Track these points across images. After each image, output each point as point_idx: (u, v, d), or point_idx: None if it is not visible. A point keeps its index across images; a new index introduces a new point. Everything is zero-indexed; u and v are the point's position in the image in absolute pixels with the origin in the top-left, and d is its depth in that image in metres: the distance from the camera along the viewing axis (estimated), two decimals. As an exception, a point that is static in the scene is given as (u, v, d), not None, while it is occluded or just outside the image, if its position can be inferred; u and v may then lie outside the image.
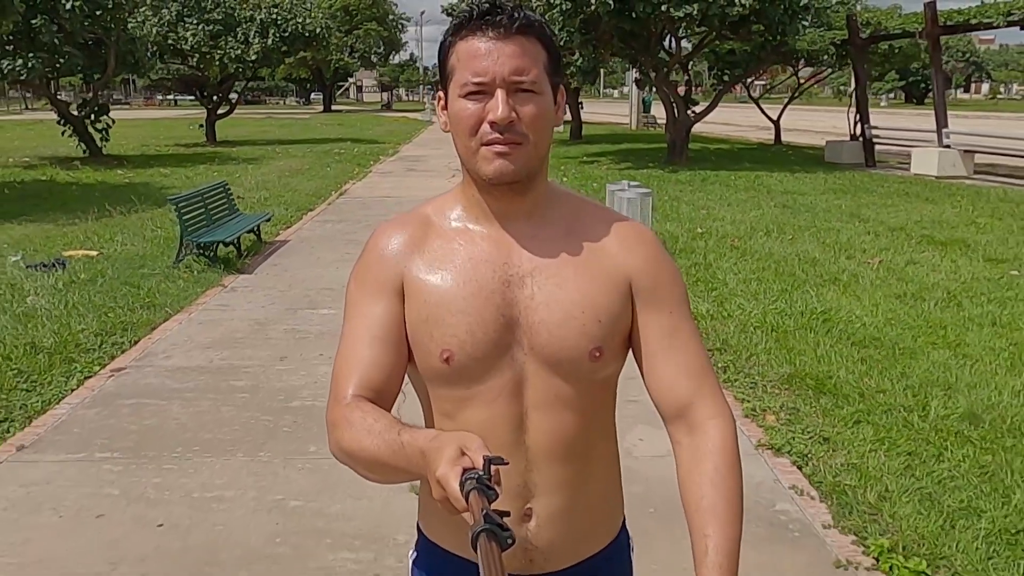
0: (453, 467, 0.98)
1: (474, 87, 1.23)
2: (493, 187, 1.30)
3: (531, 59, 1.24)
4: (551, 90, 1.29)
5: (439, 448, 1.02)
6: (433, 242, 1.35)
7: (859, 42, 19.43)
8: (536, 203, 1.35)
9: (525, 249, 1.33)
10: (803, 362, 5.63)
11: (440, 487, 0.99)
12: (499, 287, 1.31)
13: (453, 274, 1.32)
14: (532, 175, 1.31)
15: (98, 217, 11.80)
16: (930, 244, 9.54)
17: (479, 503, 0.93)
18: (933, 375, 5.32)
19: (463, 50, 1.25)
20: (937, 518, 3.60)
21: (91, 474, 4.20)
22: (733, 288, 7.63)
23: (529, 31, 1.25)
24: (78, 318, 6.76)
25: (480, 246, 1.34)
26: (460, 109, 1.26)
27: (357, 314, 1.35)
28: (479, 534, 0.89)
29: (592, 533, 1.43)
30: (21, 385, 5.41)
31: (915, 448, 4.30)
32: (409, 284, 1.33)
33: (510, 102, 1.22)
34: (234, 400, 5.19)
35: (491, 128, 1.23)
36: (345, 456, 1.24)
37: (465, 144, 1.28)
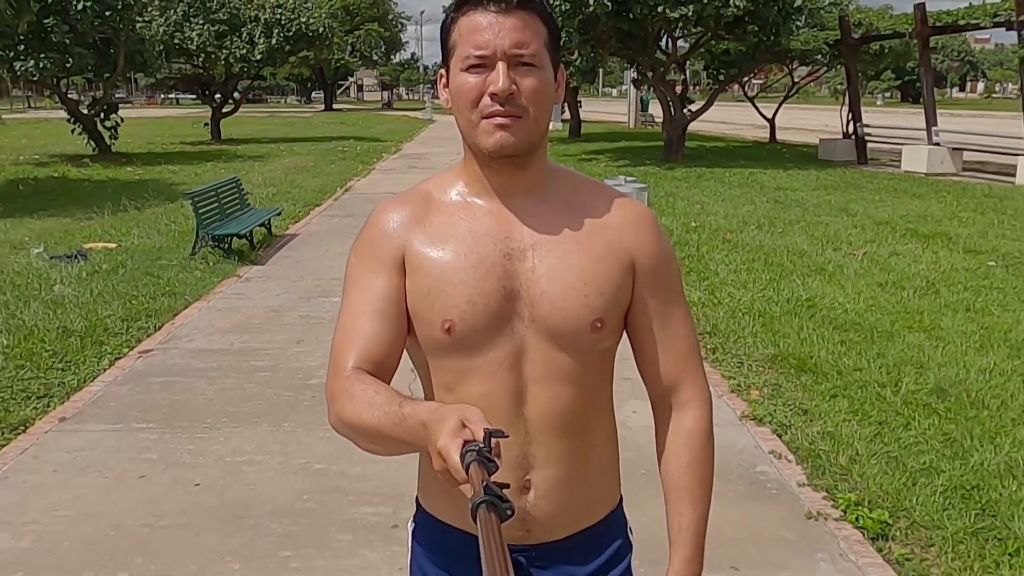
0: (454, 439, 0.99)
1: (476, 60, 1.25)
2: (494, 160, 1.31)
3: (532, 33, 1.26)
4: (551, 66, 1.30)
5: (440, 420, 1.03)
6: (434, 217, 1.37)
7: (851, 42, 19.81)
8: (536, 178, 1.37)
9: (526, 224, 1.35)
10: (787, 344, 5.99)
11: (441, 458, 1.00)
12: (500, 260, 1.33)
13: (454, 247, 1.34)
14: (532, 149, 1.32)
15: (113, 212, 12.16)
16: (914, 237, 9.91)
17: (479, 475, 0.94)
18: (907, 355, 5.69)
19: (465, 24, 1.27)
20: (901, 477, 3.97)
21: (130, 442, 4.56)
22: (724, 278, 7.99)
23: (530, 6, 1.26)
24: (104, 305, 7.12)
25: (481, 220, 1.35)
26: (462, 83, 1.27)
27: (357, 288, 1.36)
28: (479, 505, 0.90)
29: (589, 505, 1.45)
30: (57, 365, 5.76)
31: (885, 418, 4.67)
32: (411, 258, 1.35)
33: (511, 75, 1.25)
34: (256, 378, 5.54)
35: (492, 100, 1.25)
36: (346, 428, 1.25)
37: (466, 117, 1.29)
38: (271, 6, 27.53)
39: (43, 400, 5.17)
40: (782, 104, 25.80)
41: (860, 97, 20.47)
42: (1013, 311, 6.70)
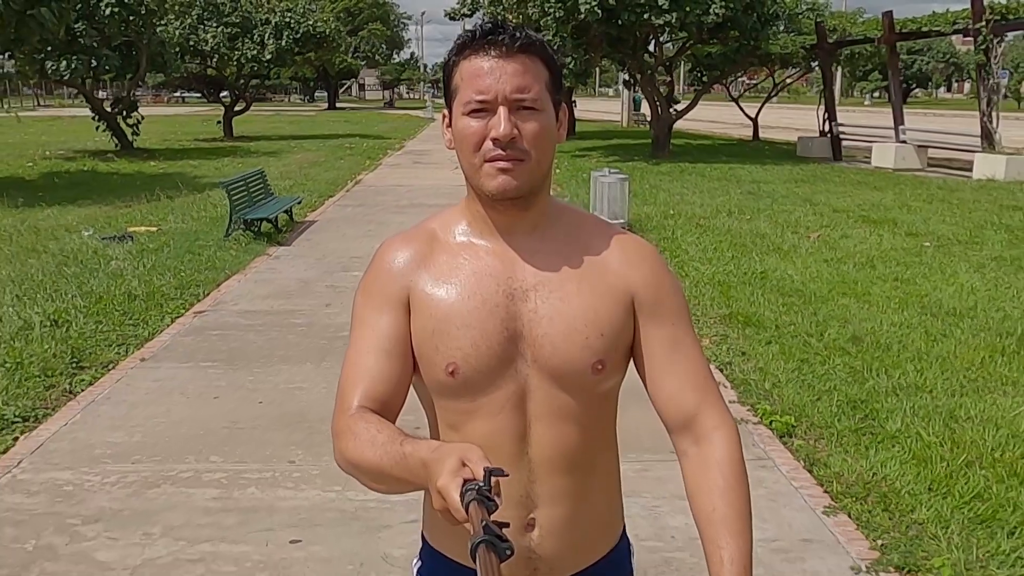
0: (454, 478, 0.99)
1: (477, 104, 1.26)
2: (497, 202, 1.31)
3: (533, 77, 1.26)
4: (552, 107, 1.31)
5: (440, 459, 1.03)
6: (439, 257, 1.36)
7: (826, 46, 20.86)
8: (539, 217, 1.37)
9: (528, 263, 1.34)
10: (738, 305, 7.04)
11: (441, 498, 1.00)
12: (503, 300, 1.32)
13: (458, 288, 1.33)
14: (535, 191, 1.32)
15: (148, 200, 13.20)
16: (864, 222, 10.98)
17: (479, 514, 0.94)
18: (835, 313, 6.74)
19: (466, 69, 1.27)
20: (808, 396, 5.02)
21: (201, 374, 5.61)
22: (693, 255, 9.04)
23: (531, 50, 1.27)
24: (158, 276, 8.15)
25: (485, 260, 1.35)
26: (464, 126, 1.28)
27: (363, 326, 1.35)
28: (478, 545, 0.90)
29: (594, 542, 1.44)
30: (128, 322, 6.79)
31: (806, 357, 5.72)
32: (415, 298, 1.34)
33: (512, 119, 1.25)
34: (296, 331, 6.59)
35: (494, 145, 1.25)
36: (349, 466, 1.25)
37: (469, 160, 1.29)
38: (281, 9, 28.53)
39: (122, 347, 6.21)
40: (764, 104, 26.85)
41: (835, 98, 21.51)
42: (933, 281, 7.76)
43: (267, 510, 3.80)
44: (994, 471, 4.01)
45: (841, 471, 4.09)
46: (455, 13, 24.71)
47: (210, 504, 3.86)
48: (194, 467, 4.24)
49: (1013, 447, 4.26)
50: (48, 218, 11.65)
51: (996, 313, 6.68)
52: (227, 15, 27.62)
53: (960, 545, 3.38)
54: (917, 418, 4.63)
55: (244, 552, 3.45)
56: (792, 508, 3.79)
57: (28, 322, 6.53)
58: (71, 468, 4.23)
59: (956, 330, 6.24)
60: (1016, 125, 36.33)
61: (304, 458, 4.35)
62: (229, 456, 4.37)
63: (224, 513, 3.78)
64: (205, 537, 3.57)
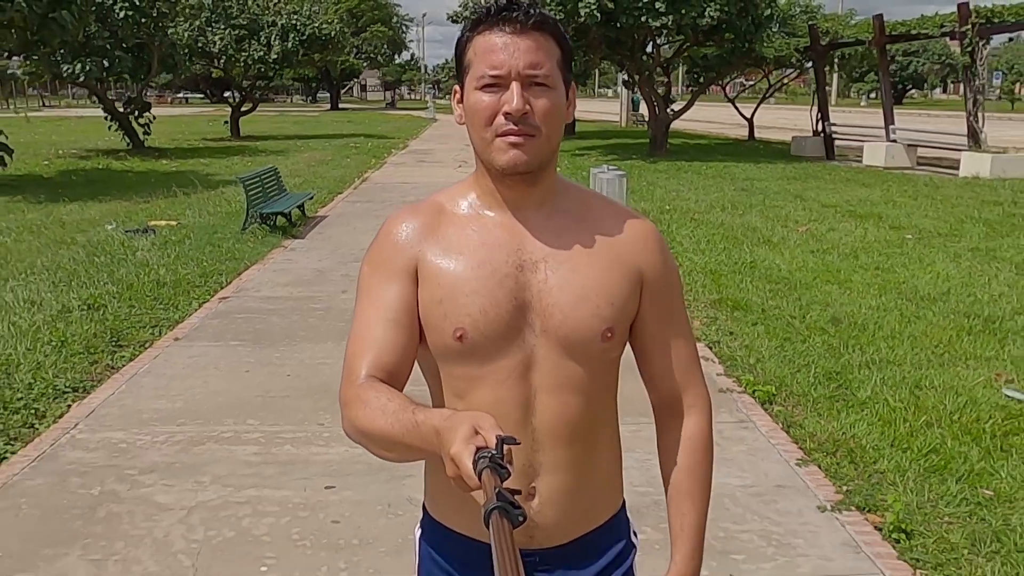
0: (467, 445, 1.00)
1: (490, 79, 1.26)
2: (506, 176, 1.32)
3: (545, 54, 1.27)
4: (563, 85, 1.31)
5: (453, 427, 1.04)
6: (447, 228, 1.37)
7: (819, 48, 21.30)
8: (547, 193, 1.38)
9: (537, 237, 1.36)
10: (728, 291, 7.48)
11: (454, 465, 1.01)
12: (512, 271, 1.33)
13: (467, 257, 1.34)
14: (543, 166, 1.33)
15: (165, 196, 13.66)
16: (851, 217, 11.42)
17: (492, 481, 0.94)
18: (818, 298, 7.19)
19: (480, 44, 1.28)
20: (789, 369, 5.47)
21: (231, 352, 6.05)
22: (687, 247, 9.48)
23: (544, 27, 1.27)
24: (182, 265, 8.60)
25: (493, 232, 1.36)
26: (476, 101, 1.28)
27: (371, 297, 1.36)
28: (491, 511, 0.90)
29: (592, 511, 1.46)
30: (158, 306, 7.24)
31: (789, 336, 6.17)
32: (423, 268, 1.35)
33: (524, 95, 1.25)
34: (315, 315, 7.03)
35: (506, 119, 1.26)
36: (359, 434, 1.25)
37: (480, 135, 1.30)
38: (287, 12, 28.98)
39: (156, 328, 6.65)
40: (759, 105, 27.30)
41: (828, 98, 21.94)
42: (911, 269, 8.20)
43: (303, 463, 4.25)
44: (950, 430, 4.46)
45: (814, 431, 4.53)
46: (457, 16, 25.15)
47: (251, 458, 4.31)
48: (233, 428, 4.69)
49: (969, 411, 4.71)
50: (71, 213, 12.10)
51: (967, 298, 7.13)
52: (234, 17, 28.06)
53: (914, 489, 3.83)
54: (886, 387, 5.09)
55: (285, 496, 3.90)
56: (769, 461, 4.23)
57: (67, 306, 6.97)
58: (123, 430, 4.67)
59: (928, 312, 6.69)
60: (1010, 126, 36.87)
61: (332, 421, 4.79)
62: (264, 420, 4.82)
63: (264, 465, 4.23)
64: (250, 484, 4.02)
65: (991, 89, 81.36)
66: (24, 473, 4.15)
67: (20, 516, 3.74)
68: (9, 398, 5.04)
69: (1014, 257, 8.72)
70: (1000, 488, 3.82)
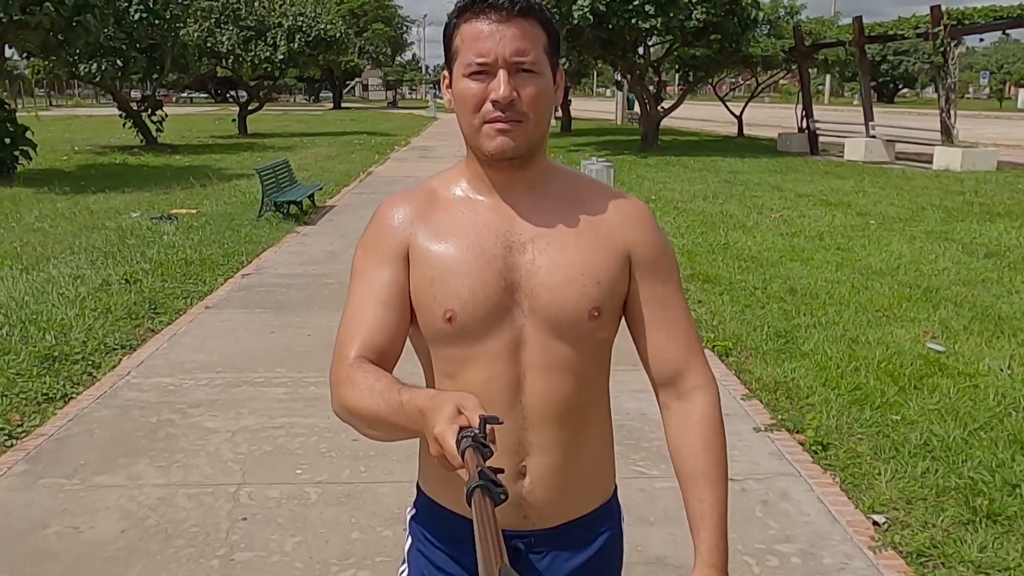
0: (450, 425, 1.01)
1: (477, 67, 1.26)
2: (495, 162, 1.33)
3: (532, 41, 1.27)
4: (551, 70, 1.31)
5: (437, 407, 1.05)
6: (438, 212, 1.38)
7: (804, 49, 22.01)
8: (537, 177, 1.38)
9: (526, 219, 1.37)
10: (701, 268, 8.20)
11: (437, 444, 1.02)
12: (501, 252, 1.34)
13: (457, 240, 1.35)
14: (532, 151, 1.34)
15: (183, 188, 14.38)
16: (822, 205, 12.15)
17: (474, 460, 0.95)
18: (780, 273, 7.91)
19: (467, 32, 1.28)
20: (746, 328, 6.19)
21: (256, 318, 6.77)
22: (668, 231, 10.19)
23: (530, 14, 1.27)
24: (205, 247, 9.32)
25: (483, 215, 1.37)
26: (464, 88, 1.29)
27: (363, 279, 1.38)
28: (473, 489, 0.91)
29: (584, 494, 1.46)
30: (188, 281, 7.95)
31: (750, 304, 6.89)
32: (415, 251, 1.36)
33: (511, 82, 1.25)
34: (330, 289, 7.74)
35: (493, 106, 1.27)
36: (347, 413, 1.26)
37: (468, 121, 1.31)
38: (293, 13, 29.68)
39: (187, 299, 7.37)
40: (748, 103, 28.04)
41: (811, 96, 22.65)
42: (869, 249, 8.93)
43: (325, 400, 4.87)
44: (875, 374, 5.18)
45: (761, 376, 5.26)
46: (458, 17, 25.87)
47: (281, 397, 5.03)
48: (264, 375, 5.41)
49: (895, 360, 5.43)
50: (97, 202, 12.82)
51: (913, 272, 7.86)
52: (243, 19, 28.76)
53: (835, 415, 4.56)
54: (826, 342, 5.81)
55: (312, 422, 4.62)
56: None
57: (106, 280, 7.69)
58: (170, 376, 5.40)
59: (876, 284, 7.42)
60: (997, 124, 37.58)
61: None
62: (291, 369, 5.54)
63: (292, 401, 4.95)
64: (281, 415, 4.74)
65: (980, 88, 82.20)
66: (91, 407, 4.88)
67: (94, 437, 4.47)
68: (68, 352, 5.75)
69: (963, 238, 9.46)
70: (906, 414, 4.55)
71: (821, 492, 3.78)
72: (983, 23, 16.97)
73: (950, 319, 6.34)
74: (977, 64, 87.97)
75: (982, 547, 3.25)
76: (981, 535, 3.33)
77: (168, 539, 3.43)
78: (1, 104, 15.25)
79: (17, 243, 9.46)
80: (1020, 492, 3.63)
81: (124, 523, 3.56)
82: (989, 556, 3.20)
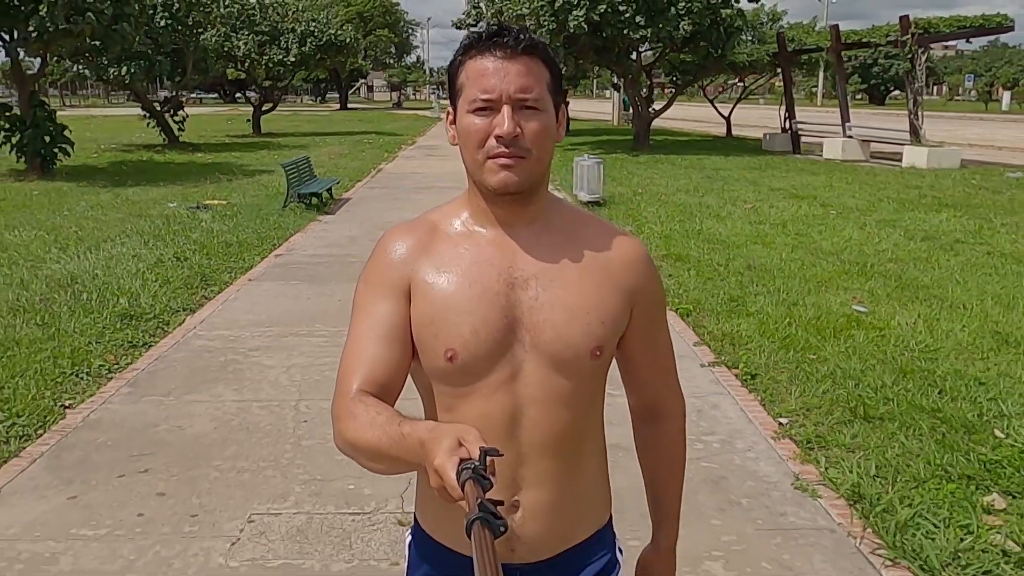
0: (451, 457, 1.00)
1: (482, 103, 1.27)
2: (498, 197, 1.33)
3: (535, 78, 1.28)
4: (553, 107, 1.32)
5: (437, 439, 1.04)
6: (440, 246, 1.37)
7: (786, 54, 23.08)
8: (538, 212, 1.38)
9: (528, 254, 1.36)
10: (675, 250, 9.27)
11: (438, 476, 1.01)
12: (503, 289, 1.33)
13: (458, 277, 1.34)
14: (535, 186, 1.34)
15: (212, 182, 15.47)
16: (792, 197, 13.22)
17: (474, 492, 0.94)
18: (744, 253, 8.98)
19: (472, 69, 1.29)
20: (706, 295, 7.25)
21: (293, 288, 7.85)
22: (650, 219, 11.27)
23: (534, 52, 1.29)
24: (240, 232, 10.40)
25: (485, 250, 1.36)
26: (468, 124, 1.29)
27: (364, 313, 1.37)
28: (473, 522, 0.90)
29: (576, 526, 1.45)
30: (230, 259, 9.02)
31: (712, 276, 7.95)
32: (416, 286, 1.35)
33: (515, 118, 1.26)
34: (354, 266, 8.80)
35: (497, 142, 1.27)
36: (348, 447, 1.25)
37: (472, 156, 1.31)
38: (306, 19, 30.78)
39: (231, 273, 8.45)
40: (736, 105, 29.14)
41: (793, 98, 23.70)
42: (824, 234, 10.00)
43: (358, 346, 6.05)
44: (804, 328, 6.25)
45: (712, 329, 6.33)
46: (461, 23, 26.93)
47: (322, 344, 6.11)
48: (307, 328, 6.49)
49: (823, 318, 6.50)
50: (136, 194, 13.92)
51: (857, 252, 8.93)
52: (257, 24, 29.85)
53: (765, 355, 5.63)
54: (770, 305, 6.88)
55: (349, 361, 5.70)
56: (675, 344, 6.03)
57: (160, 258, 8.78)
58: (228, 330, 6.48)
59: (823, 262, 8.49)
60: (978, 125, 38.59)
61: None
62: (328, 324, 6.61)
63: (333, 347, 6.02)
64: (325, 356, 5.81)
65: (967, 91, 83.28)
66: (168, 351, 5.97)
67: (177, 370, 5.55)
68: (141, 312, 6.83)
69: (908, 225, 10.54)
70: (821, 355, 5.62)
71: (744, 405, 4.87)
72: (947, 31, 18.01)
73: (877, 288, 7.41)
74: (966, 67, 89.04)
75: (854, 436, 4.33)
76: (855, 428, 4.41)
77: (250, 433, 4.52)
78: (42, 104, 16.30)
79: (75, 228, 10.56)
80: (890, 403, 4.71)
81: (214, 424, 4.65)
82: (858, 441, 4.28)
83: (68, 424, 4.66)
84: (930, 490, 3.74)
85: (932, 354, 5.59)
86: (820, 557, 3.29)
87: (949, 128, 32.49)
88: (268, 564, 3.27)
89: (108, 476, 4.02)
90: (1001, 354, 5.58)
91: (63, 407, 4.90)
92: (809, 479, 3.93)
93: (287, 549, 3.36)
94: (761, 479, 3.96)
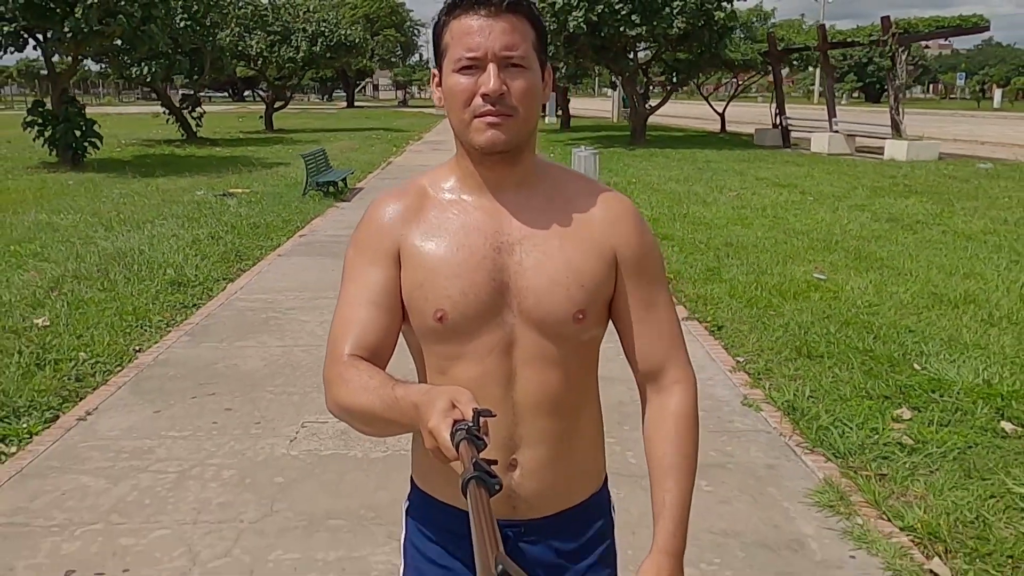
0: (444, 419, 1.00)
1: (467, 62, 1.25)
2: (485, 157, 1.31)
3: (520, 36, 1.26)
4: (539, 66, 1.30)
5: (431, 401, 1.04)
6: (429, 212, 1.37)
7: (776, 53, 23.84)
8: (526, 173, 1.37)
9: (515, 218, 1.35)
10: (661, 230, 10.07)
11: (432, 437, 1.01)
12: (490, 253, 1.33)
13: (447, 241, 1.34)
14: (521, 146, 1.32)
15: (233, 173, 16.31)
16: (775, 186, 14.02)
17: (468, 452, 0.95)
18: (724, 233, 9.79)
19: (456, 28, 1.26)
20: (687, 267, 8.05)
21: (318, 261, 8.67)
22: (641, 205, 12.07)
23: (518, 9, 1.26)
24: (265, 216, 11.22)
25: (473, 215, 1.36)
26: (454, 83, 1.27)
27: (354, 279, 1.37)
28: (469, 481, 0.91)
29: (573, 486, 1.46)
30: (259, 239, 9.85)
31: (694, 252, 8.76)
32: (405, 251, 1.35)
33: (501, 76, 1.24)
34: (370, 244, 9.64)
35: (483, 100, 1.25)
36: (341, 411, 1.26)
37: (459, 116, 1.29)
38: (316, 19, 31.60)
39: (261, 250, 9.27)
40: (729, 101, 29.91)
41: (784, 95, 24.47)
42: (799, 217, 10.81)
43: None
44: (768, 290, 7.06)
45: (689, 293, 7.14)
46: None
47: (348, 305, 6.93)
48: (334, 294, 7.13)
49: (786, 284, 7.30)
50: (165, 183, 14.76)
51: (825, 232, 9.74)
52: (270, 24, 30.67)
53: (732, 312, 6.45)
54: (741, 274, 7.70)
55: (373, 317, 6.52)
56: (656, 305, 6.86)
57: (196, 237, 9.62)
58: (265, 294, 7.31)
59: (793, 240, 9.30)
60: (967, 122, 39.28)
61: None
62: (351, 290, 7.43)
63: (357, 307, 6.84)
64: (351, 314, 6.64)
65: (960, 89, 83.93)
66: (216, 310, 6.80)
67: (226, 324, 6.38)
68: (187, 281, 7.65)
69: (877, 209, 11.34)
70: (779, 311, 6.44)
71: (708, 348, 5.69)
72: (927, 31, 18.78)
73: (838, 260, 8.23)
74: (960, 66, 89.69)
75: (796, 369, 5.16)
76: (798, 364, 5.24)
77: (294, 368, 5.35)
78: (73, 101, 17.14)
79: (115, 212, 11.40)
80: (831, 345, 5.54)
81: (263, 362, 5.48)
82: (799, 372, 5.10)
83: (141, 363, 5.50)
84: (852, 406, 4.56)
85: (875, 310, 6.41)
86: (755, 448, 4.12)
87: (940, 125, 33.22)
88: (321, 454, 4.10)
89: (183, 398, 4.86)
90: (933, 310, 6.40)
91: (135, 351, 5.74)
92: (755, 398, 4.75)
93: (335, 444, 4.20)
94: (716, 399, 4.78)
